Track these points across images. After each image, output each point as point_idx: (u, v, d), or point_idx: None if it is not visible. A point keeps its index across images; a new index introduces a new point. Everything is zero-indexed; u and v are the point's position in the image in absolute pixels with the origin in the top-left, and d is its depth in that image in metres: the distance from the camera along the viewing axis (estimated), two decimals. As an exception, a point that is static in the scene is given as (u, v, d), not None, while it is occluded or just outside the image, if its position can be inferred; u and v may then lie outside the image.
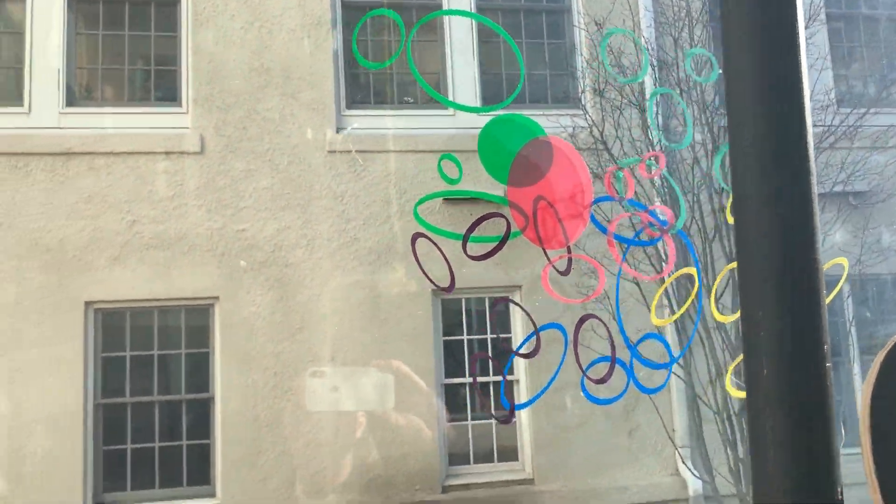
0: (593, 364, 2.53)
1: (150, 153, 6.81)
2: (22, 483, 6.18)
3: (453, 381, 7.04)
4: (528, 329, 7.04)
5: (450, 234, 2.34)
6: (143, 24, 7.21)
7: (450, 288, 2.31)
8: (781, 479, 1.21)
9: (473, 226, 2.27)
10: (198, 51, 7.03)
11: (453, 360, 7.08)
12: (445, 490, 6.78)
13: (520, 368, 7.09)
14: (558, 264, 2.46)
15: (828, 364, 1.24)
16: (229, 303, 6.71)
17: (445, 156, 2.44)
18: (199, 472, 6.62)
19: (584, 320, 2.43)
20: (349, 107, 7.31)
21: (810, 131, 1.29)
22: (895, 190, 7.55)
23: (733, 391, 4.98)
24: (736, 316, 2.78)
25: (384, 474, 6.64)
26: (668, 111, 6.74)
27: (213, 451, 6.59)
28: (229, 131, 6.94)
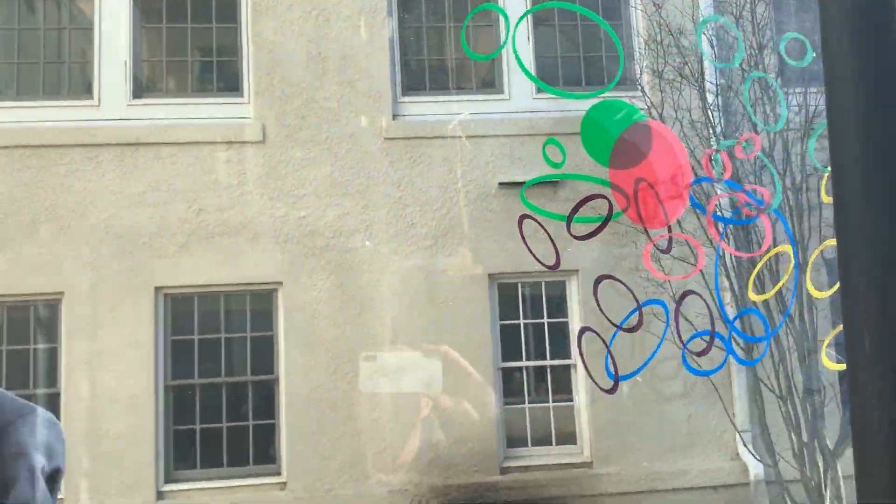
0: (693, 338, 2.58)
1: (214, 143, 7.01)
2: (100, 461, 6.49)
3: (510, 364, 7.10)
4: (586, 311, 7.05)
5: (554, 214, 2.45)
6: (205, 15, 7.40)
7: (555, 266, 2.42)
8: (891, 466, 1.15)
9: (577, 207, 2.36)
10: (258, 41, 7.18)
11: (510, 343, 7.14)
12: (503, 472, 6.86)
13: (577, 353, 7.10)
14: (659, 243, 2.55)
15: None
16: (292, 287, 6.88)
17: (550, 140, 2.53)
18: (264, 451, 6.85)
19: (685, 296, 2.50)
20: (405, 93, 7.39)
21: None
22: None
23: (830, 364, 4.94)
24: (832, 291, 2.78)
25: (443, 455, 6.76)
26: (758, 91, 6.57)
27: (277, 431, 6.80)
28: (289, 120, 7.08)
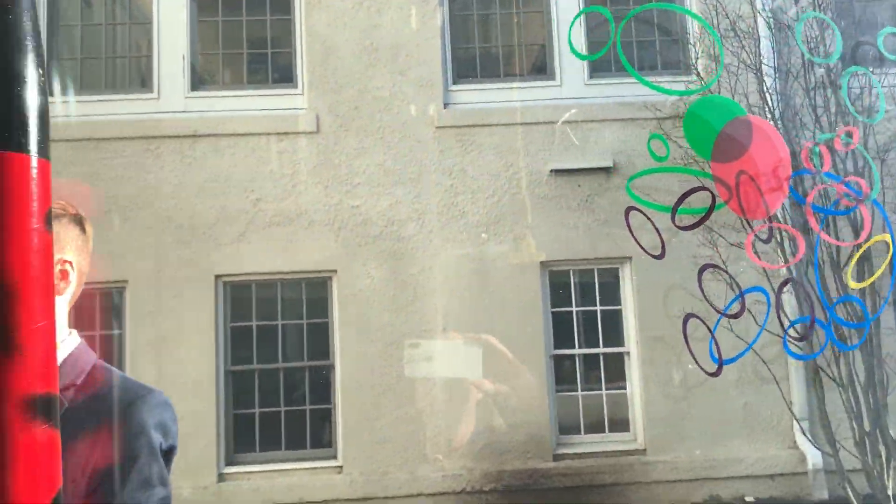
0: (795, 323, 2.63)
1: (269, 134, 7.16)
2: (164, 442, 6.72)
3: (563, 352, 7.11)
4: (641, 299, 7.01)
5: (659, 206, 2.55)
6: (259, 8, 7.54)
7: (661, 255, 2.53)
8: None
9: (682, 198, 2.44)
10: (311, 32, 7.29)
11: (562, 331, 7.15)
12: (556, 458, 6.89)
13: (631, 341, 7.08)
14: (760, 233, 2.63)
15: None
16: (346, 275, 7.01)
17: (654, 135, 2.63)
18: (321, 435, 7.01)
19: (785, 283, 2.57)
20: (456, 82, 7.42)
21: None
22: None
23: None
24: None
25: (496, 441, 6.82)
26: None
27: (333, 416, 6.95)
28: (342, 110, 7.19)
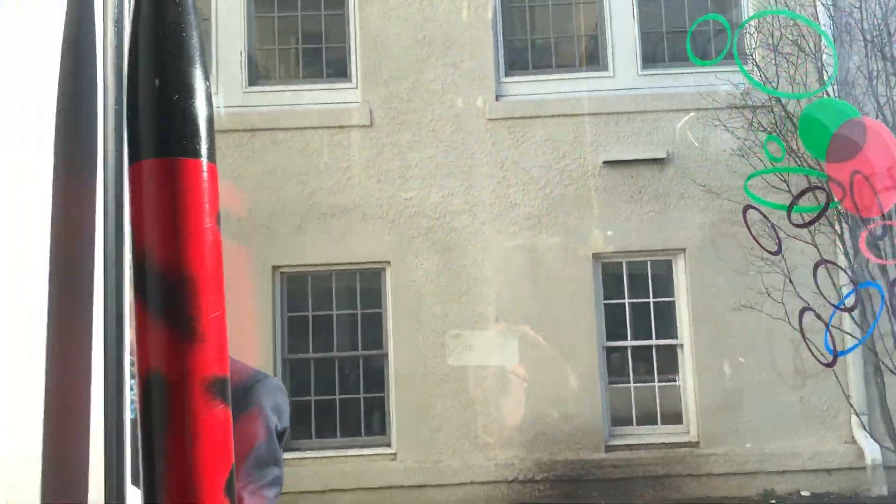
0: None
1: (324, 127, 7.29)
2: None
3: (615, 343, 7.10)
4: (695, 291, 6.96)
5: (775, 204, 2.64)
6: (314, 3, 7.66)
7: (777, 252, 2.65)
8: None
9: (797, 197, 2.53)
10: (364, 27, 7.39)
11: (614, 322, 7.14)
12: (609, 450, 6.90)
13: (684, 333, 7.03)
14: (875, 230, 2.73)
15: None
16: (399, 267, 7.12)
17: (770, 137, 2.74)
18: (375, 423, 7.15)
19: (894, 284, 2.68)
20: (507, 73, 7.44)
21: None
22: None
23: None
24: None
25: (548, 431, 6.87)
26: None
27: (387, 404, 7.08)
28: (395, 104, 7.28)
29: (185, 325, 0.61)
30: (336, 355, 7.21)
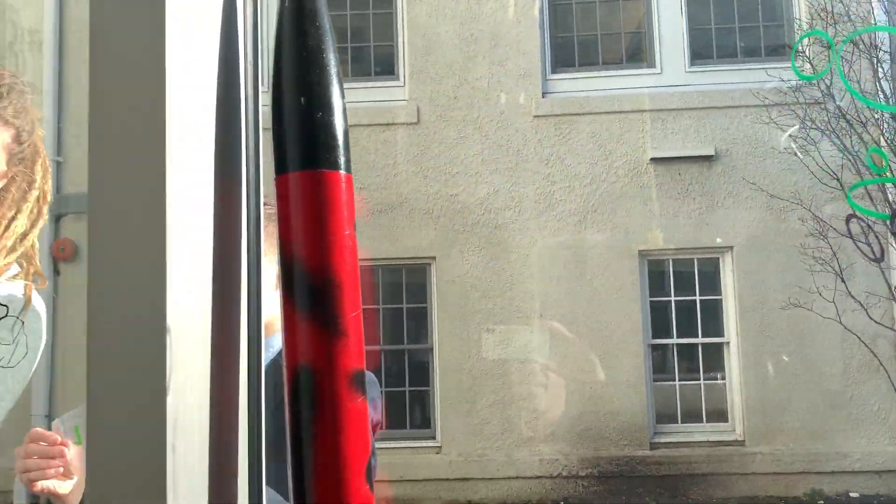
0: None
1: (372, 125, 7.38)
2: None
3: (660, 341, 7.09)
4: (741, 288, 6.91)
5: (877, 213, 2.64)
6: (362, 2, 7.74)
7: (879, 259, 2.64)
8: None
9: None
10: (412, 25, 7.46)
11: (660, 320, 7.12)
12: (653, 447, 6.90)
13: (730, 330, 6.99)
14: None
15: None
16: (444, 262, 7.18)
17: (873, 149, 2.70)
18: (420, 416, 7.24)
19: None
20: (554, 70, 7.45)
21: None
22: None
23: None
24: None
25: (594, 428, 6.88)
26: None
27: (432, 398, 7.16)
28: (442, 101, 7.34)
29: (332, 322, 0.66)
30: (382, 348, 7.30)
